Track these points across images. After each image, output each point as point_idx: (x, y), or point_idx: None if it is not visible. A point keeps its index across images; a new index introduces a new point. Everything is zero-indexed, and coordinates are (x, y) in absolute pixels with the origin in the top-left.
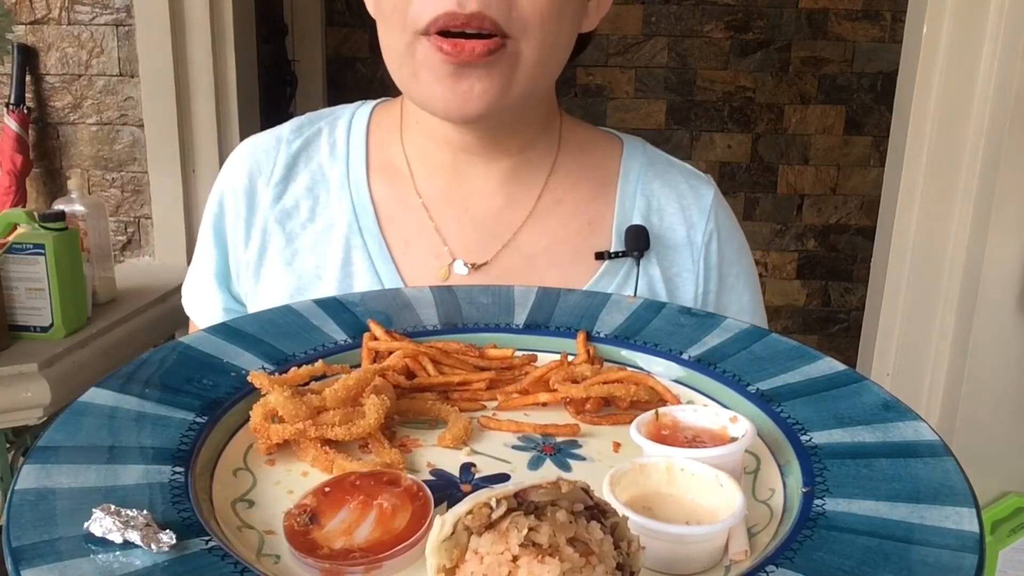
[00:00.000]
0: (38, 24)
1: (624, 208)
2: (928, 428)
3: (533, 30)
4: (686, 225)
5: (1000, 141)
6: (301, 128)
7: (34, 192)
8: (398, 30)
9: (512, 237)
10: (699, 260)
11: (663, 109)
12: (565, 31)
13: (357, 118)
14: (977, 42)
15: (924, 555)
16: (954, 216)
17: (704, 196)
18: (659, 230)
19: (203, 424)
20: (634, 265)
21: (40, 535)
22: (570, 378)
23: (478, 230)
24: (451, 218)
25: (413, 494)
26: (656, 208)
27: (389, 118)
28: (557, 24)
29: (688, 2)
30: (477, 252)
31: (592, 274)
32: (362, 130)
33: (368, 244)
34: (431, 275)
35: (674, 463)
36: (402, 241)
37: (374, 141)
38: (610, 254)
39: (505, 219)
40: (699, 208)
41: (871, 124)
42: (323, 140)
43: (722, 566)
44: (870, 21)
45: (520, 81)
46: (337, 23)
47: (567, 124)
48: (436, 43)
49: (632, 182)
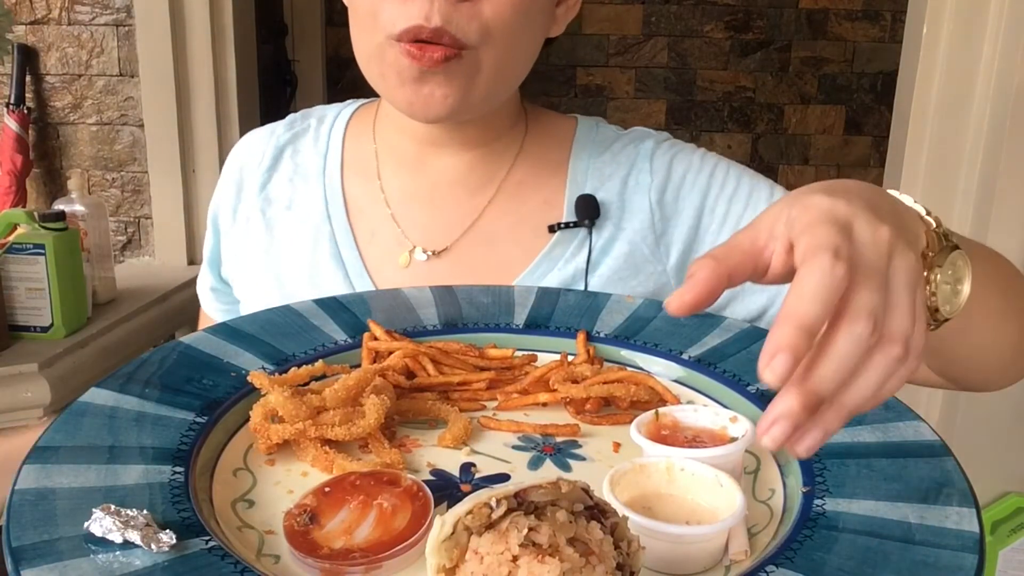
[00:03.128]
0: (38, 24)
1: (576, 181)
2: (928, 428)
3: (495, 38)
4: (636, 187)
5: (1000, 141)
6: (293, 123)
7: (34, 192)
8: (369, 31)
9: (472, 223)
10: (657, 214)
11: (663, 109)
12: (529, 39)
13: (341, 115)
14: (977, 42)
15: (924, 555)
16: (954, 216)
17: (643, 153)
18: (613, 198)
19: (203, 424)
20: (587, 235)
21: (40, 535)
22: (570, 378)
23: (440, 219)
24: (415, 209)
25: (413, 494)
26: (609, 175)
27: (367, 115)
28: (520, 34)
29: (688, 2)
30: (438, 240)
31: (544, 245)
32: (342, 126)
33: (336, 234)
34: (394, 264)
35: (674, 463)
36: (368, 231)
37: (350, 136)
38: (561, 225)
39: (467, 206)
40: (641, 167)
41: (871, 124)
42: (310, 135)
43: (722, 566)
44: (870, 21)
45: (480, 87)
46: (337, 23)
47: (532, 113)
48: (404, 48)
49: (584, 158)
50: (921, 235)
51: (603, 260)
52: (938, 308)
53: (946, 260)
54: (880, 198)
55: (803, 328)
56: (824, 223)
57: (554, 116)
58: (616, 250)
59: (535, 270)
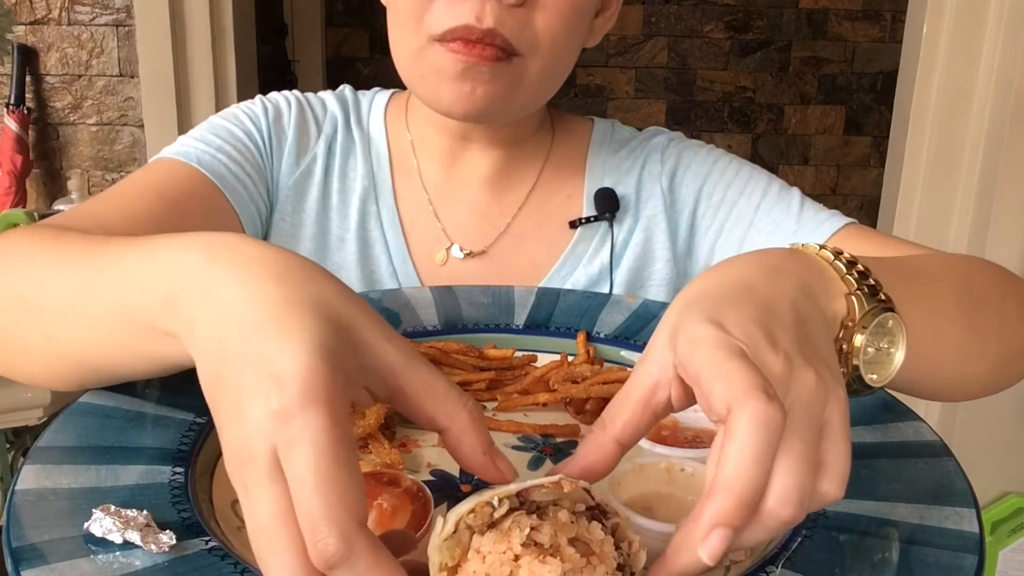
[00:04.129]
0: (38, 24)
1: (595, 177)
2: (928, 428)
3: (543, 50)
4: (650, 176)
5: (1000, 141)
6: (340, 99)
7: (34, 192)
8: (411, 33)
9: (507, 225)
10: (668, 199)
11: (663, 109)
12: (572, 49)
13: (376, 102)
14: (977, 42)
15: (924, 555)
16: (954, 216)
17: (655, 146)
18: (631, 192)
19: (203, 424)
20: (608, 229)
21: (40, 535)
22: (570, 378)
23: (474, 217)
24: (448, 203)
25: (413, 494)
26: (626, 171)
27: (399, 107)
28: (566, 46)
29: (688, 2)
30: (473, 239)
31: (568, 243)
32: (380, 114)
33: (382, 214)
34: (431, 256)
35: (674, 463)
36: (408, 220)
37: (389, 125)
38: (582, 220)
39: (501, 205)
40: (654, 159)
41: (871, 124)
42: (353, 116)
43: (722, 566)
44: (870, 21)
45: (522, 94)
46: (337, 23)
47: (555, 116)
48: (449, 47)
49: (602, 156)
50: (836, 309)
51: (625, 252)
52: (861, 376)
53: (872, 323)
54: (776, 296)
55: (744, 503)
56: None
57: (574, 118)
58: (635, 239)
59: (560, 268)
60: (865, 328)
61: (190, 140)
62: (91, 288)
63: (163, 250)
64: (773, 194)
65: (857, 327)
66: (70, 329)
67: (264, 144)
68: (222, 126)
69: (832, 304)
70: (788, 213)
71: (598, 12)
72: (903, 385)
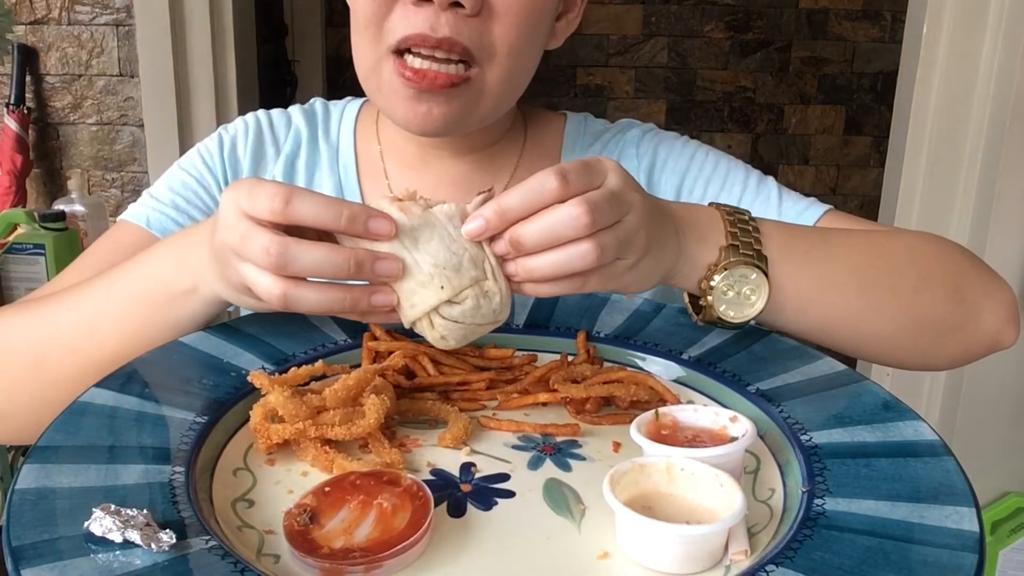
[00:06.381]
0: (38, 24)
1: None
2: (928, 428)
3: (501, 57)
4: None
5: (1000, 141)
6: (306, 113)
7: (34, 192)
8: (370, 43)
9: None
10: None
11: (663, 109)
12: (532, 55)
13: (347, 112)
14: (977, 42)
15: (924, 555)
16: (954, 216)
17: (630, 140)
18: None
19: (203, 424)
20: None
21: (40, 535)
22: (570, 378)
23: None
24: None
25: (413, 494)
26: None
27: (370, 115)
28: (524, 51)
29: (688, 2)
30: None
31: None
32: (350, 124)
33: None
34: None
35: (674, 463)
36: None
37: (359, 135)
38: None
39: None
40: (629, 153)
41: (871, 124)
42: (320, 128)
43: (722, 566)
44: (870, 21)
45: (483, 106)
46: (337, 23)
47: (528, 115)
48: (400, 67)
49: (576, 150)
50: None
51: None
52: (715, 309)
53: (733, 271)
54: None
55: (501, 213)
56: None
57: (546, 113)
58: None
59: None
60: (726, 270)
61: (147, 198)
62: (107, 295)
63: (151, 252)
64: (752, 187)
65: (718, 270)
66: (101, 336)
67: (219, 182)
68: (177, 177)
69: (700, 247)
70: (768, 204)
71: (560, 15)
72: (793, 330)
